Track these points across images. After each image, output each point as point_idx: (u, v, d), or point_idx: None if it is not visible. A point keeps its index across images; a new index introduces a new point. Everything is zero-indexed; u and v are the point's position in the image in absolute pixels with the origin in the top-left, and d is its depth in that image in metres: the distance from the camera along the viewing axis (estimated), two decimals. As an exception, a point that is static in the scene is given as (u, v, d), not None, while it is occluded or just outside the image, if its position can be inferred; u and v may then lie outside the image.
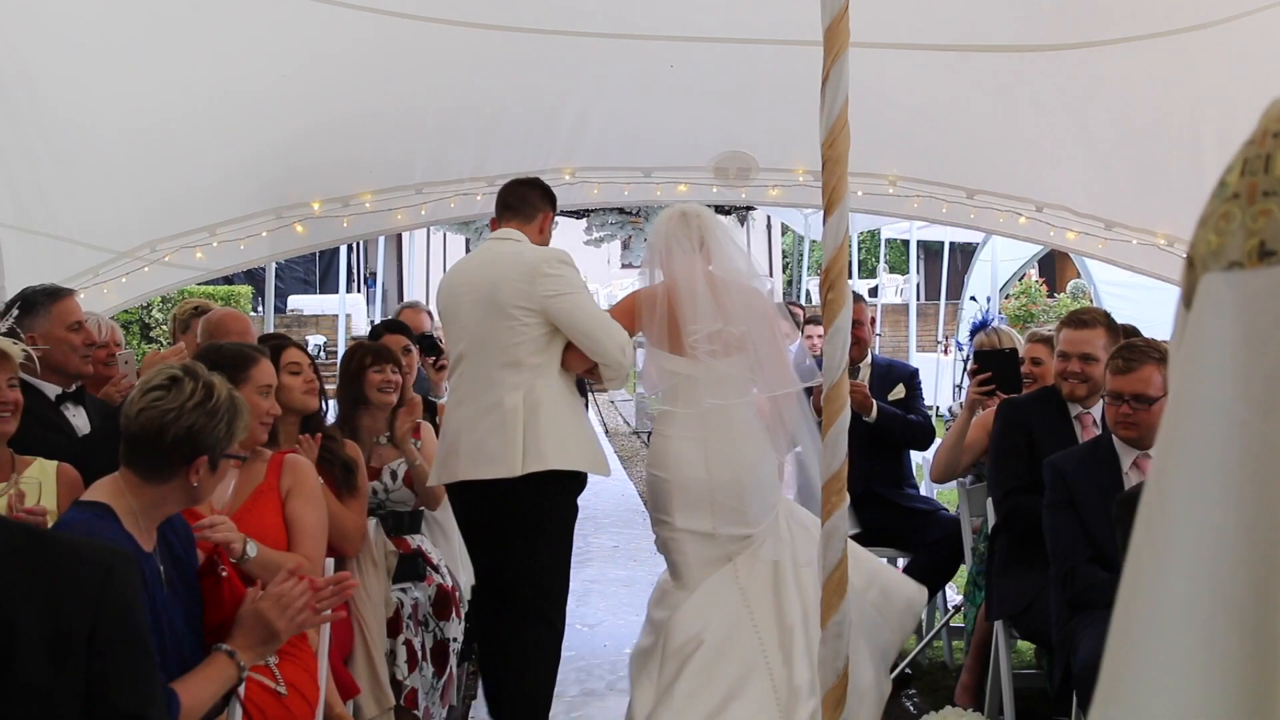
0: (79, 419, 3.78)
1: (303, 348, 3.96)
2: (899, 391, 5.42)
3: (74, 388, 3.84)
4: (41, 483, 3.09)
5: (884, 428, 5.20)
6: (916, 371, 5.65)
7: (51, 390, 3.73)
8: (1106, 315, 4.44)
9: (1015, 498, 4.16)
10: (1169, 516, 0.72)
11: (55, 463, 3.20)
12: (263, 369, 3.28)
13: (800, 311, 9.14)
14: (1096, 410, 4.17)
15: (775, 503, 3.89)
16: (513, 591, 3.79)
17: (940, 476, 4.92)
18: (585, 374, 3.99)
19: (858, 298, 5.49)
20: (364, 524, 3.77)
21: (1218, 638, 0.69)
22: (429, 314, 5.97)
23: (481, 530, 3.85)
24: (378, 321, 6.82)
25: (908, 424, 5.28)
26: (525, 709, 3.78)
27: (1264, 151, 0.74)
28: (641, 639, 3.97)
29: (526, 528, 3.73)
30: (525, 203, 3.99)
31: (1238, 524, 0.68)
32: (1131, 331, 4.86)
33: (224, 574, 2.55)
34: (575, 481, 3.82)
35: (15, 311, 3.76)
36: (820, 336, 6.20)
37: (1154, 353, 3.62)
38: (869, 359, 5.49)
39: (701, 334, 3.89)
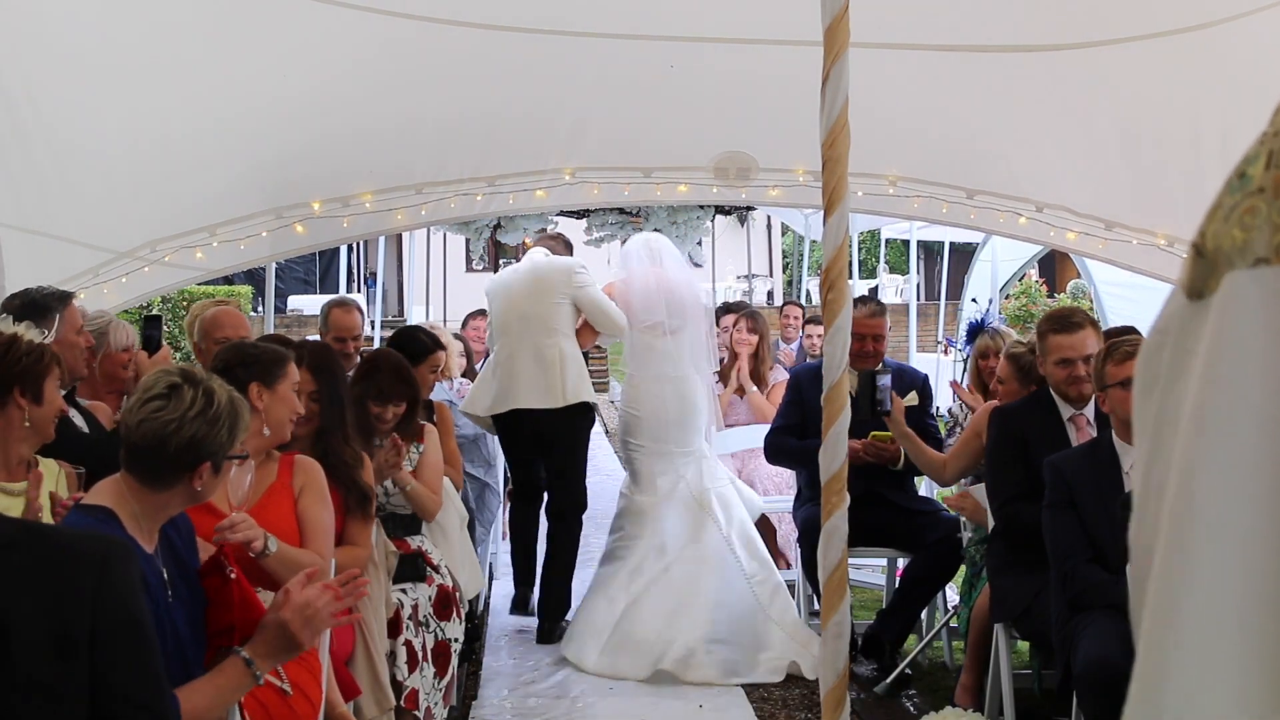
0: (78, 420, 3.78)
1: None
2: (912, 398, 5.45)
3: (67, 389, 3.82)
4: (61, 478, 3.14)
5: (911, 471, 5.34)
6: (927, 378, 5.69)
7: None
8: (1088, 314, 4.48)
9: (1013, 505, 4.15)
10: (1204, 522, 0.71)
11: (54, 461, 3.22)
12: (293, 367, 3.36)
13: (800, 311, 9.18)
14: (1090, 410, 4.17)
15: (702, 431, 5.78)
16: (551, 484, 5.85)
17: (944, 483, 4.94)
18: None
19: (880, 310, 5.51)
20: (365, 550, 3.76)
21: (1256, 636, 0.68)
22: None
23: (527, 443, 5.77)
24: (378, 321, 6.79)
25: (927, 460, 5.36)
26: (558, 574, 5.72)
27: None
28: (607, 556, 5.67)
29: (564, 440, 5.72)
30: (550, 249, 6.15)
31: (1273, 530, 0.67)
32: (1126, 332, 4.89)
33: (232, 575, 2.52)
34: (590, 408, 5.82)
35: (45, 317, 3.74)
36: (820, 336, 6.46)
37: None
38: (881, 365, 5.51)
39: (646, 323, 5.81)
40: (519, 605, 6.04)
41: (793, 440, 5.51)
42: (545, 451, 5.77)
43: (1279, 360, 0.67)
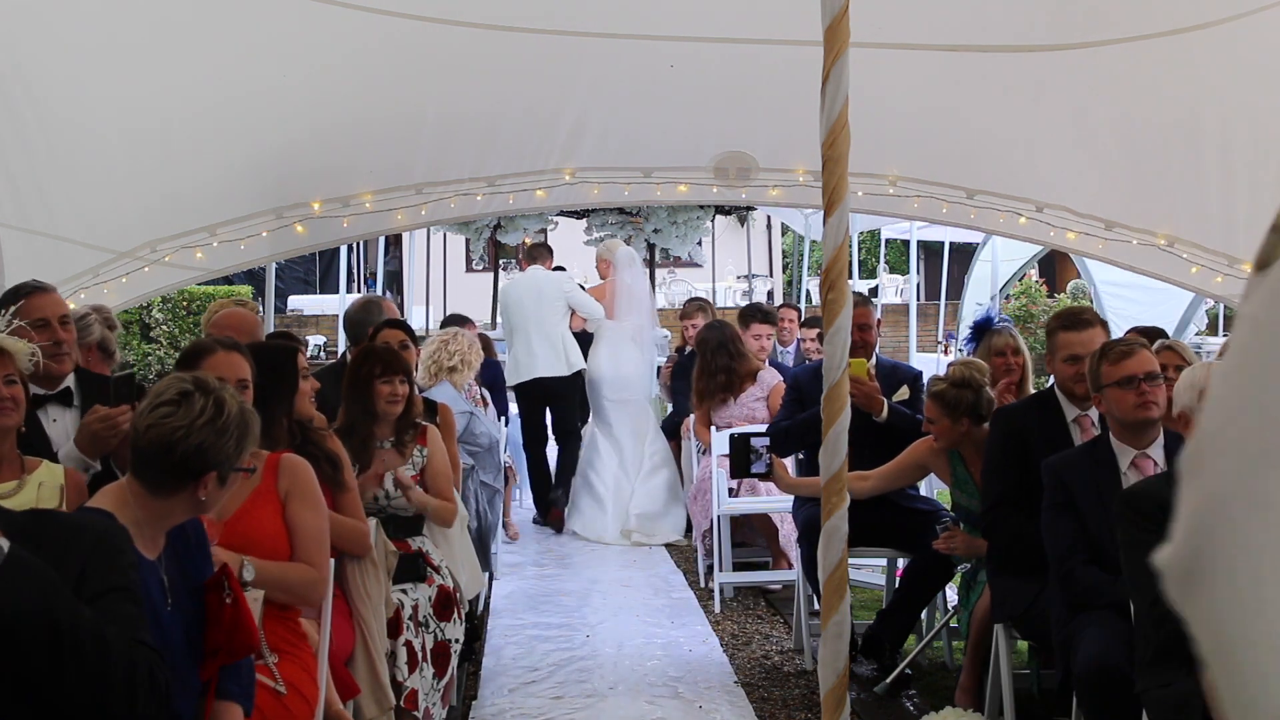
0: (62, 422, 3.65)
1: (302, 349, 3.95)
2: (903, 393, 5.42)
3: (58, 389, 3.71)
4: (62, 486, 3.09)
5: (894, 425, 5.20)
6: (921, 374, 5.64)
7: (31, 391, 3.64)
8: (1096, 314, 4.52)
9: (998, 511, 4.17)
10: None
11: (62, 466, 3.19)
12: (218, 357, 3.32)
13: (795, 314, 9.19)
14: (1095, 411, 4.16)
15: (641, 386, 8.56)
16: (555, 421, 8.59)
17: (857, 495, 4.96)
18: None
19: (864, 300, 5.51)
20: (363, 522, 3.75)
21: None
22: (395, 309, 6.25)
23: (540, 403, 8.47)
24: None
25: (916, 421, 5.23)
26: (565, 475, 8.45)
27: None
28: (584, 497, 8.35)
29: (565, 398, 8.49)
30: (539, 259, 8.79)
31: None
32: (1157, 333, 4.95)
33: (229, 599, 2.47)
34: (582, 373, 8.44)
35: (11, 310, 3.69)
36: (814, 339, 6.52)
37: (1140, 339, 3.79)
38: (874, 361, 5.49)
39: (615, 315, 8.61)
40: (541, 518, 8.60)
41: (783, 420, 5.50)
42: (552, 403, 8.50)
43: None
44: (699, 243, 14.04)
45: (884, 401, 5.20)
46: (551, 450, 8.80)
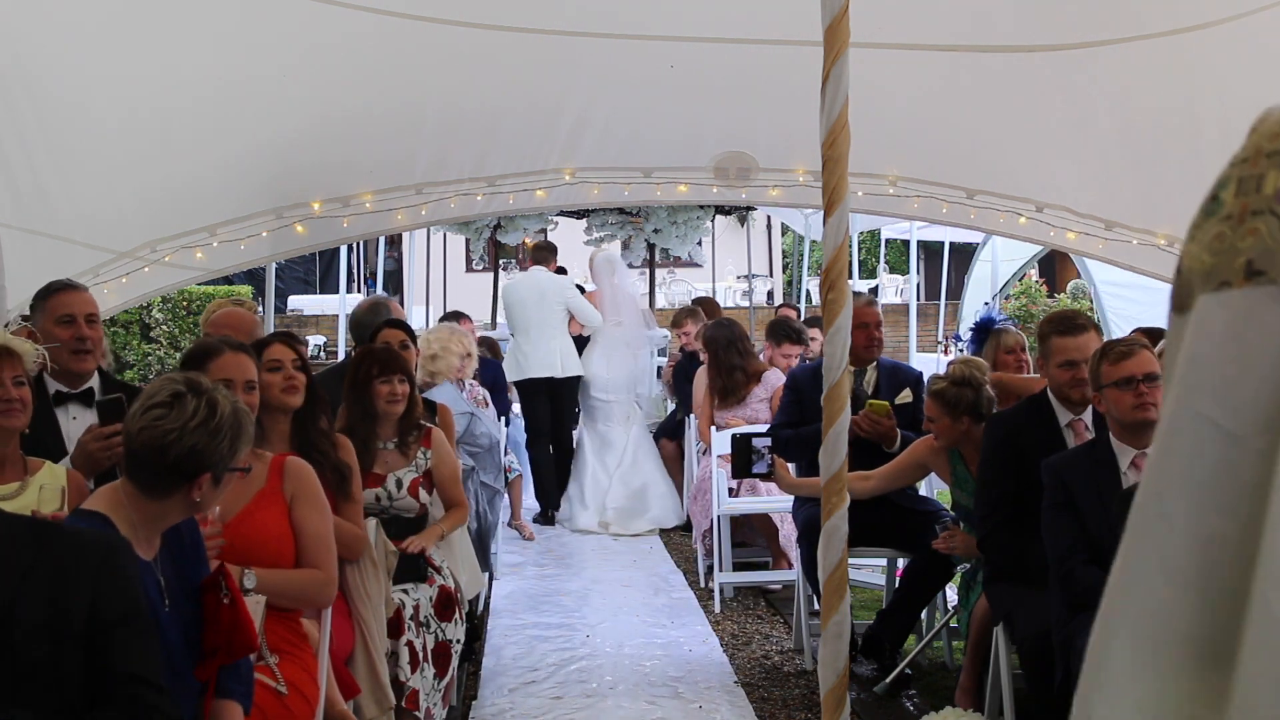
0: (82, 421, 3.64)
1: (290, 343, 3.84)
2: (906, 395, 5.43)
3: (82, 388, 3.72)
4: (64, 487, 3.08)
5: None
6: (921, 375, 5.65)
7: (51, 387, 3.65)
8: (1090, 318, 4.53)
9: (992, 521, 4.18)
10: (1164, 525, 0.73)
11: (64, 467, 3.19)
12: (227, 358, 3.26)
13: (794, 314, 9.22)
14: (1089, 415, 4.16)
15: (634, 393, 9.08)
16: (554, 420, 8.85)
17: (859, 495, 4.97)
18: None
19: (869, 301, 5.53)
20: (361, 531, 3.74)
21: (1199, 639, 0.69)
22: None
23: (540, 401, 8.75)
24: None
25: None
26: (564, 465, 8.86)
27: (1257, 172, 0.74)
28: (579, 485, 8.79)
29: (561, 399, 8.81)
30: (544, 261, 9.15)
31: (1235, 535, 0.68)
32: (1162, 334, 4.95)
33: (226, 600, 2.47)
34: (579, 377, 8.86)
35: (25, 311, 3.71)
36: (814, 340, 6.53)
37: (1142, 340, 3.80)
38: (875, 361, 5.50)
39: (607, 320, 9.05)
40: (543, 517, 8.82)
41: (787, 430, 5.52)
42: (551, 400, 8.86)
43: (1240, 378, 0.69)
44: (699, 243, 14.04)
45: (898, 436, 5.23)
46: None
